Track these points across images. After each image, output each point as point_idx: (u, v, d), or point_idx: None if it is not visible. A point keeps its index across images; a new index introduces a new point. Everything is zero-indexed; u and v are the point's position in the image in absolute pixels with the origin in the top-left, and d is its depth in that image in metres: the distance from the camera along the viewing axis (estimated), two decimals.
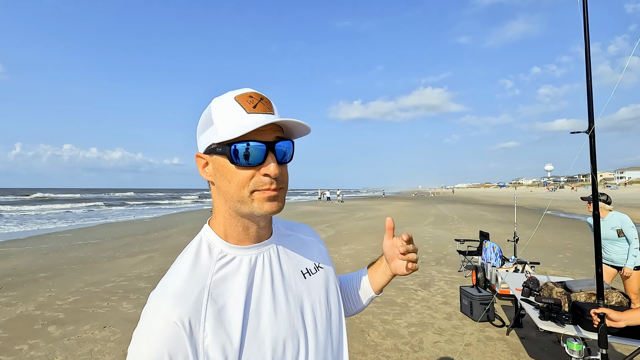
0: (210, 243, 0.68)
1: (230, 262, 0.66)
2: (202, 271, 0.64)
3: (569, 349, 2.10)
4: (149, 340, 0.56)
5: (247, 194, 0.63)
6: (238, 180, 0.63)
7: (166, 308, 0.58)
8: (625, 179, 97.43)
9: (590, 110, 1.90)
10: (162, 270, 7.06)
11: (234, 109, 0.63)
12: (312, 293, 0.73)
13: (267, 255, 0.70)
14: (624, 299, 2.53)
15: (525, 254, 8.29)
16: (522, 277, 3.90)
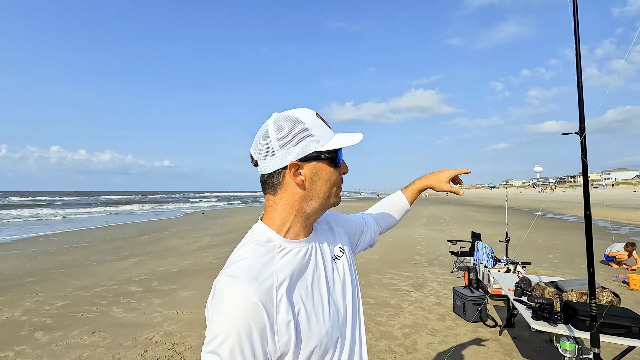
0: (270, 237, 0.78)
1: (288, 254, 0.77)
2: (267, 260, 0.74)
3: (562, 349, 2.12)
4: (237, 314, 0.66)
5: (335, 190, 0.82)
6: (334, 180, 0.81)
7: (246, 290, 0.68)
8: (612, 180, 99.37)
9: (581, 111, 1.92)
10: (153, 273, 6.97)
11: (324, 125, 0.80)
12: (342, 274, 0.88)
13: (313, 247, 0.83)
14: (614, 297, 2.56)
15: (517, 254, 8.38)
16: (514, 277, 3.92)
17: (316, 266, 0.81)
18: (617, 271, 6.82)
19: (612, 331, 2.21)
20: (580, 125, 1.81)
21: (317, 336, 0.74)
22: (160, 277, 6.70)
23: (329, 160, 0.79)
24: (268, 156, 0.77)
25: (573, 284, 2.75)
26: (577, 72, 1.97)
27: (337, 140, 0.80)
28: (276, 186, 0.79)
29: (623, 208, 23.82)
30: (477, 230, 7.89)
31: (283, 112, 0.80)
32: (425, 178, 1.25)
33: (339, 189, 0.84)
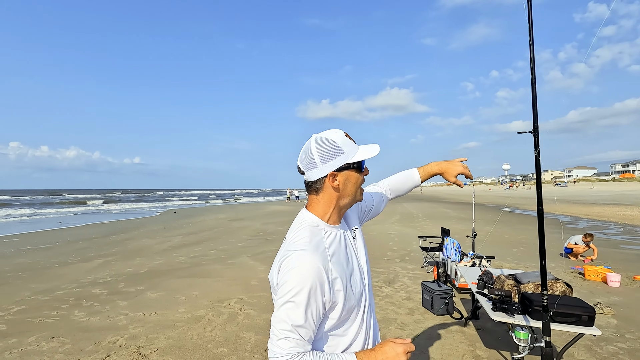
0: (318, 223, 1.06)
1: (331, 234, 1.06)
2: (320, 239, 1.02)
3: (516, 338, 2.22)
4: (308, 274, 0.92)
5: (360, 190, 1.11)
6: (360, 182, 1.10)
7: (313, 257, 0.95)
8: (573, 177, 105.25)
9: (535, 113, 2.01)
10: (119, 274, 6.72)
11: (351, 142, 1.08)
12: (359, 246, 1.17)
13: (344, 230, 1.13)
14: (567, 288, 2.71)
15: (483, 248, 8.70)
16: (478, 271, 4.07)
17: (347, 242, 1.11)
18: (574, 263, 7.23)
19: (563, 320, 2.34)
20: (533, 124, 1.89)
21: (355, 291, 1.03)
22: (127, 278, 6.47)
23: (356, 169, 1.08)
24: (312, 169, 1.05)
25: (530, 276, 2.89)
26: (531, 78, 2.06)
27: (361, 153, 1.08)
28: (319, 189, 1.08)
29: (582, 203, 25.27)
30: (448, 226, 8.13)
31: (320, 133, 1.09)
32: (439, 165, 1.50)
33: (361, 189, 1.13)
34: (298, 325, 0.91)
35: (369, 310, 1.12)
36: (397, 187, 1.51)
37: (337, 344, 1.03)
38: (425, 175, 1.51)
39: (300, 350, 0.92)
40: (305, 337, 0.93)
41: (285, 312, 0.92)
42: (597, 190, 48.91)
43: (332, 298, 0.96)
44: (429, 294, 4.42)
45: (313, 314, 0.93)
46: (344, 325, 1.03)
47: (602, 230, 12.19)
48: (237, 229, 14.20)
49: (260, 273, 6.62)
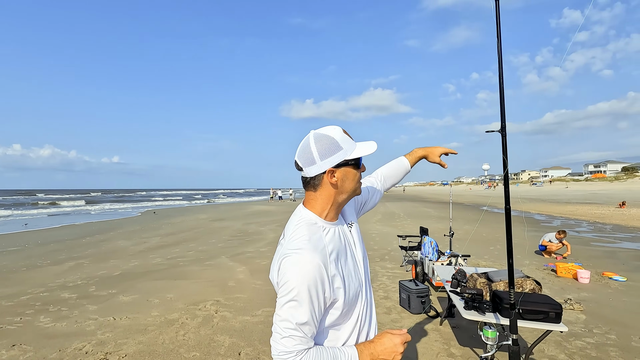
0: (316, 221, 1.07)
1: (329, 231, 1.07)
2: (319, 237, 1.03)
3: (484, 337, 2.23)
4: (308, 273, 0.94)
5: (358, 185, 1.11)
6: (358, 178, 1.10)
7: (312, 256, 0.96)
8: (549, 177, 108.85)
9: (502, 113, 2.02)
10: (91, 277, 6.47)
11: (349, 139, 1.08)
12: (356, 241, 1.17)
13: (341, 226, 1.14)
14: (536, 286, 2.76)
15: (462, 247, 8.84)
16: (453, 270, 4.11)
17: (345, 238, 1.13)
18: (548, 260, 7.44)
19: (532, 317, 2.38)
20: (501, 124, 1.90)
21: (353, 286, 1.06)
22: (99, 281, 6.24)
23: (354, 165, 1.08)
24: (311, 165, 1.05)
25: (501, 274, 2.93)
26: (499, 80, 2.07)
27: (359, 150, 1.08)
28: (317, 185, 1.08)
29: (557, 202, 26.14)
30: (429, 225, 8.21)
31: (319, 129, 1.09)
32: (423, 149, 1.58)
33: (360, 183, 1.13)
34: (301, 323, 0.94)
35: (367, 303, 1.15)
36: (391, 175, 1.54)
37: (338, 338, 1.07)
38: (413, 159, 1.58)
39: (304, 347, 0.95)
40: (309, 334, 0.96)
41: (288, 311, 0.94)
42: (570, 189, 50.74)
43: (332, 295, 0.99)
44: (406, 293, 4.44)
45: (315, 311, 0.95)
46: (344, 319, 1.06)
47: (574, 228, 12.61)
48: (218, 229, 13.98)
49: (238, 274, 6.52)
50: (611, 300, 4.84)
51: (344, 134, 1.08)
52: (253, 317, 4.37)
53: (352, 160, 1.07)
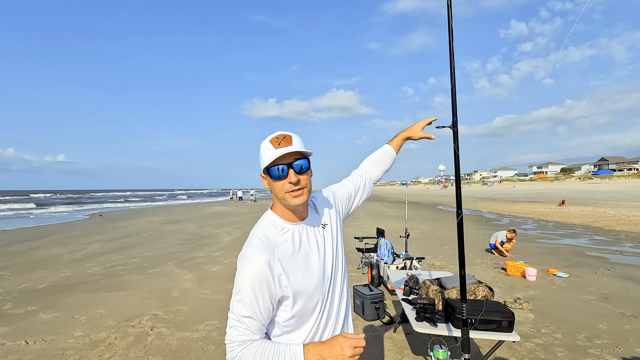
0: (275, 221, 1.13)
1: (288, 231, 1.12)
2: (273, 235, 1.10)
3: (434, 357, 2.06)
4: (252, 270, 1.02)
5: (284, 194, 1.08)
6: (278, 188, 1.09)
7: (259, 254, 1.04)
8: (498, 178, 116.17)
9: (454, 107, 1.83)
10: (9, 292, 5.65)
11: (268, 147, 1.09)
12: (324, 244, 1.17)
13: (307, 227, 1.16)
14: (489, 292, 2.66)
15: (419, 247, 8.92)
16: (405, 275, 3.96)
17: (308, 239, 1.13)
18: (498, 258, 7.65)
19: (484, 327, 2.24)
20: (453, 119, 1.72)
21: (309, 287, 1.07)
22: (18, 296, 5.45)
23: (269, 176, 1.09)
24: None
25: (454, 280, 2.80)
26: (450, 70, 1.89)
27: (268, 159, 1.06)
28: None
29: (505, 201, 27.73)
30: (387, 225, 8.17)
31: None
32: (404, 131, 1.57)
33: (290, 194, 1.07)
34: (244, 316, 1.00)
35: (331, 307, 1.15)
36: (376, 165, 1.51)
37: (295, 338, 1.09)
38: (397, 144, 1.56)
39: (247, 338, 1.00)
40: (252, 327, 1.01)
41: (234, 304, 1.02)
42: (517, 189, 54.37)
43: (279, 292, 1.03)
44: (360, 299, 4.25)
45: (259, 306, 1.00)
46: (301, 319, 1.08)
47: (521, 226, 13.30)
48: (169, 232, 13.13)
49: (184, 282, 6.00)
50: (556, 298, 4.98)
51: (268, 142, 1.09)
52: (193, 332, 3.95)
53: (265, 169, 1.10)
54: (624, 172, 71.07)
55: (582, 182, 60.57)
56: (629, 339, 3.62)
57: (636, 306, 4.57)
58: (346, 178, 1.46)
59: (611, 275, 6.11)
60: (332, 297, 1.16)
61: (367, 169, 1.50)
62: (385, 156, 1.53)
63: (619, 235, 10.54)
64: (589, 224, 13.41)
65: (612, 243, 9.33)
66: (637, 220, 13.47)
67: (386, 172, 1.55)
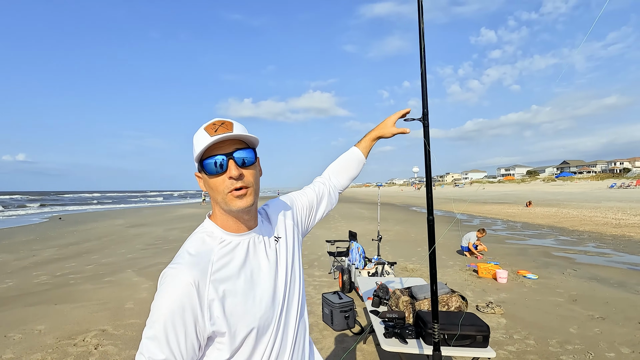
0: (212, 232, 0.90)
1: (228, 244, 0.88)
2: (207, 250, 0.85)
3: None
4: (171, 294, 0.77)
5: (224, 196, 0.85)
6: (217, 185, 0.85)
7: (183, 274, 0.79)
8: (469, 179, 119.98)
9: (424, 99, 1.61)
10: None
11: (202, 135, 0.85)
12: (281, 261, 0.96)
13: (254, 239, 0.93)
14: (462, 302, 2.48)
15: (392, 249, 8.80)
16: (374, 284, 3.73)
17: (255, 255, 0.91)
18: (470, 260, 7.65)
19: (458, 343, 2.05)
20: (423, 110, 1.49)
21: (255, 314, 0.84)
22: None
23: (204, 170, 0.87)
24: None
25: (425, 290, 2.60)
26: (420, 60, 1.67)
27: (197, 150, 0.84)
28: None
29: (476, 202, 28.48)
30: (361, 227, 7.98)
31: None
32: (373, 130, 1.36)
33: (232, 194, 0.85)
34: (158, 359, 0.74)
35: (284, 339, 0.92)
36: (342, 171, 1.32)
37: None
38: (366, 146, 1.36)
39: None
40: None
41: (144, 342, 0.76)
42: (487, 190, 56.25)
43: (209, 326, 0.79)
44: (328, 308, 3.99)
45: (180, 345, 0.75)
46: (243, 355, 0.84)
47: (491, 227, 13.55)
48: (133, 236, 12.40)
49: (141, 292, 5.54)
50: (527, 300, 4.94)
51: (201, 131, 0.86)
52: None
53: (198, 164, 0.89)
54: (583, 175, 75.28)
55: (547, 184, 63.55)
56: (599, 344, 3.57)
57: (603, 307, 4.59)
58: (308, 186, 1.26)
59: (578, 276, 6.20)
60: (286, 328, 0.93)
61: (331, 176, 1.30)
62: (352, 161, 1.33)
63: (582, 236, 10.90)
64: (554, 224, 13.86)
65: (577, 243, 9.61)
66: (598, 221, 14.07)
67: (354, 178, 1.36)
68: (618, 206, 19.78)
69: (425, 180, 1.62)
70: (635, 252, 8.16)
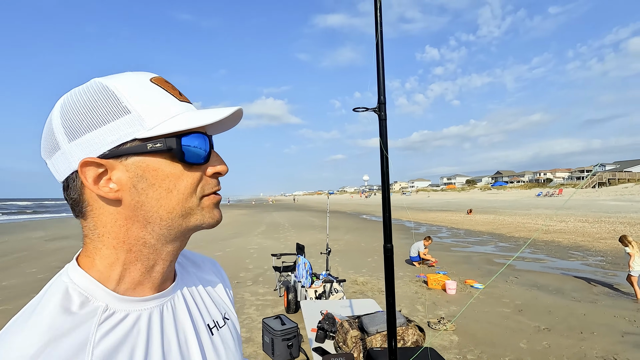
0: (86, 294, 0.44)
1: (120, 324, 0.44)
2: (79, 340, 0.40)
3: None
4: None
5: (197, 202, 0.49)
6: (186, 185, 0.47)
7: None
8: (415, 188, 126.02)
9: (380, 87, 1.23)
10: None
11: (162, 94, 0.48)
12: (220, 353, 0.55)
13: (171, 308, 0.51)
14: (419, 334, 2.15)
15: (342, 260, 8.50)
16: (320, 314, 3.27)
17: (178, 344, 0.49)
18: (419, 270, 7.57)
19: None
20: (378, 99, 1.11)
21: None
22: None
23: (165, 153, 0.46)
24: (53, 153, 0.46)
25: (378, 321, 2.24)
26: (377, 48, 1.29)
27: (185, 118, 0.47)
28: (80, 204, 0.47)
29: (422, 210, 29.62)
30: (311, 236, 7.56)
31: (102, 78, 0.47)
32: None
33: (214, 197, 0.51)
34: None
35: None
36: None
37: None
38: None
39: None
40: None
41: None
42: (432, 198, 59.20)
43: None
44: (269, 336, 3.49)
45: None
46: None
47: (437, 234, 13.91)
48: (51, 252, 10.79)
49: None
50: (476, 313, 4.84)
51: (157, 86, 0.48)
52: None
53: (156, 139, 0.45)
54: (514, 184, 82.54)
55: (484, 192, 68.60)
56: (549, 358, 3.48)
57: (547, 317, 4.61)
58: None
59: (520, 284, 6.33)
60: None
61: None
62: None
63: (518, 242, 11.52)
64: (493, 230, 14.61)
65: (514, 249, 10.07)
66: (530, 227, 15.11)
67: None
68: (545, 213, 21.63)
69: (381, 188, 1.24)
70: (565, 257, 8.69)
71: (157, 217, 0.47)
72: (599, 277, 6.72)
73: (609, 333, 4.06)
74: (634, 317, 4.58)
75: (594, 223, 15.26)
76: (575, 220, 16.80)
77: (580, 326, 4.28)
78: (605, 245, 10.11)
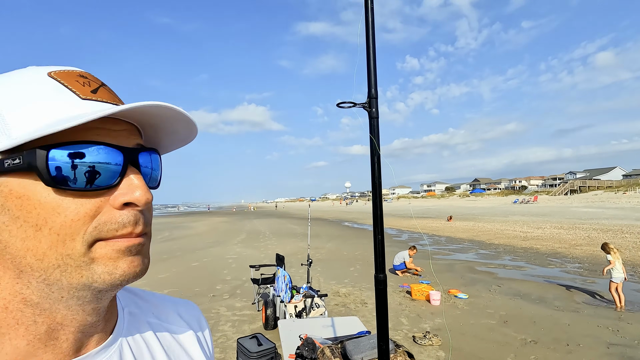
0: None
1: None
2: None
3: None
4: None
5: (83, 249, 0.32)
6: (64, 222, 0.31)
7: None
8: (396, 195, 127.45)
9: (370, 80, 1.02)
10: None
11: (54, 91, 0.33)
12: None
13: None
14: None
15: (324, 269, 8.25)
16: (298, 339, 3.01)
17: None
18: (403, 280, 7.41)
19: None
20: (369, 91, 0.91)
21: None
22: None
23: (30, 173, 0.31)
24: None
25: (363, 348, 2.02)
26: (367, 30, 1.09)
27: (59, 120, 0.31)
28: None
29: (403, 217, 29.76)
30: (292, 245, 7.28)
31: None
32: None
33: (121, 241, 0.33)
34: None
35: None
36: None
37: None
38: None
39: None
40: None
41: None
42: (412, 205, 59.81)
43: None
44: (244, 358, 3.20)
45: None
46: None
47: (419, 242, 13.88)
48: None
49: None
50: (462, 325, 4.69)
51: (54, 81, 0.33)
52: None
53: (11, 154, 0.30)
54: (491, 191, 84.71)
55: (462, 199, 69.98)
56: None
57: (532, 329, 4.51)
58: None
59: (503, 293, 6.26)
60: None
61: None
62: None
63: (498, 249, 11.60)
64: (473, 237, 14.73)
65: (495, 257, 10.11)
66: (509, 234, 15.32)
67: None
68: (522, 220, 22.10)
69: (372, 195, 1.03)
70: (544, 265, 8.76)
71: (27, 266, 0.31)
72: (579, 284, 6.76)
73: (594, 345, 3.99)
74: (617, 326, 4.55)
75: (569, 229, 15.64)
76: (551, 227, 17.19)
77: (566, 338, 4.19)
78: (581, 251, 10.29)
